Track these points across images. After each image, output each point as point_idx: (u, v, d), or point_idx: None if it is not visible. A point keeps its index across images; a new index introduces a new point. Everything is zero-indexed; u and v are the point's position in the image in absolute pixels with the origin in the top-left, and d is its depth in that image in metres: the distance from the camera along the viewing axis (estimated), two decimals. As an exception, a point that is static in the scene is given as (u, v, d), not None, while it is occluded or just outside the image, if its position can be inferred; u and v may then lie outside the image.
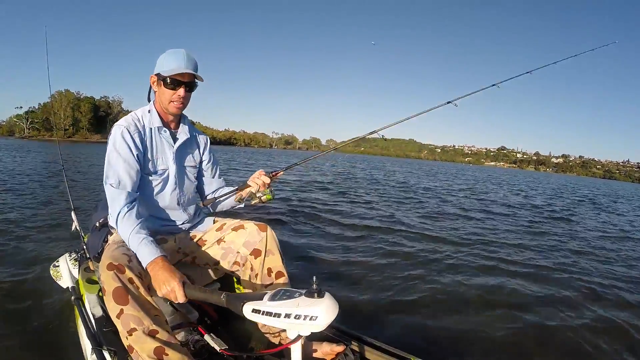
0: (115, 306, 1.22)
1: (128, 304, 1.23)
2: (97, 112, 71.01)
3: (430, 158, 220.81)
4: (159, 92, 1.58)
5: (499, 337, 2.59)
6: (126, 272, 1.27)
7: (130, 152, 1.50)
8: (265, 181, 1.67)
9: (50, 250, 3.65)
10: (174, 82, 1.52)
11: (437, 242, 5.18)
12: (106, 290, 1.24)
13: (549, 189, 23.50)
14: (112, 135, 1.52)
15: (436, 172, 33.12)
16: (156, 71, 1.56)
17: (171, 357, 1.25)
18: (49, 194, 7.21)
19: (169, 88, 1.53)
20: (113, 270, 1.26)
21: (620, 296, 3.59)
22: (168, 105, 1.58)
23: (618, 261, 5.13)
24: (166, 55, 1.55)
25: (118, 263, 1.28)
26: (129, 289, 1.25)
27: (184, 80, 1.53)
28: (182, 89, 1.54)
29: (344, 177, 16.54)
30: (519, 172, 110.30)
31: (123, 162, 1.48)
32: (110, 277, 1.24)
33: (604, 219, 10.24)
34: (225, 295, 1.07)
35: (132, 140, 1.52)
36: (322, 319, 0.95)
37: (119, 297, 1.23)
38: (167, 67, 1.52)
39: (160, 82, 1.54)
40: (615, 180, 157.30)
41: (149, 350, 1.22)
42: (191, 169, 1.75)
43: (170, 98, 1.55)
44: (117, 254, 1.32)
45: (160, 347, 1.23)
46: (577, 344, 2.61)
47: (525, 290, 3.51)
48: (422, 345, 2.43)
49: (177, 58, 1.52)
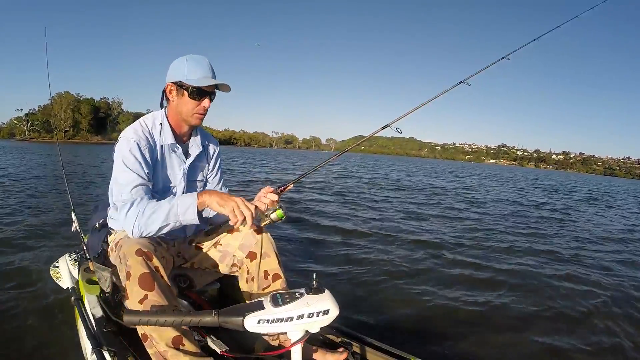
0: (140, 291, 1.22)
1: (154, 290, 1.23)
2: (97, 114, 71.15)
3: (430, 156, 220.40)
4: (180, 102, 1.47)
5: (499, 337, 2.58)
6: (154, 259, 1.27)
7: (142, 168, 1.41)
8: (273, 198, 1.48)
9: (50, 250, 3.66)
10: (200, 92, 1.44)
11: (437, 241, 5.15)
12: (132, 274, 1.23)
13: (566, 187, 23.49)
14: (121, 149, 1.41)
15: (432, 170, 33.08)
16: (174, 79, 1.45)
17: (187, 347, 1.25)
18: (49, 194, 7.24)
19: (194, 99, 1.44)
20: (142, 256, 1.25)
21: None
22: (190, 118, 1.49)
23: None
24: (187, 63, 1.44)
25: (147, 250, 1.27)
26: (155, 275, 1.26)
27: (209, 90, 1.46)
28: (207, 100, 1.47)
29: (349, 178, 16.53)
30: (519, 169, 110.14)
31: (138, 178, 1.38)
32: (139, 262, 1.24)
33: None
34: (216, 314, 0.99)
35: (142, 156, 1.42)
36: (333, 310, 0.98)
37: (146, 282, 1.22)
38: (192, 76, 1.42)
39: (183, 91, 1.44)
40: (616, 177, 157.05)
41: (167, 338, 1.23)
42: (199, 183, 1.71)
43: (194, 110, 1.47)
44: (144, 242, 1.31)
45: (179, 337, 1.24)
46: (578, 344, 2.60)
47: (526, 289, 3.49)
48: (422, 345, 2.42)
49: (202, 66, 1.44)
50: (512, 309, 3.05)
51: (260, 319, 0.97)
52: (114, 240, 1.54)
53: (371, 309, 2.88)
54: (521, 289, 3.49)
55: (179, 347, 1.24)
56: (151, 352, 1.26)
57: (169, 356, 1.23)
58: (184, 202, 1.30)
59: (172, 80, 1.45)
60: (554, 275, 3.99)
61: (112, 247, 1.54)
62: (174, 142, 1.54)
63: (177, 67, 1.45)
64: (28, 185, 8.38)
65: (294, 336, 1.02)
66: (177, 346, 1.23)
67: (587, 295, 3.45)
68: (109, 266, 1.59)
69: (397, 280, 3.47)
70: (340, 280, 3.42)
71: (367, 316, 2.73)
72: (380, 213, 7.17)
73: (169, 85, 1.48)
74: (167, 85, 1.48)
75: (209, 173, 1.75)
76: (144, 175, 1.41)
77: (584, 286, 3.70)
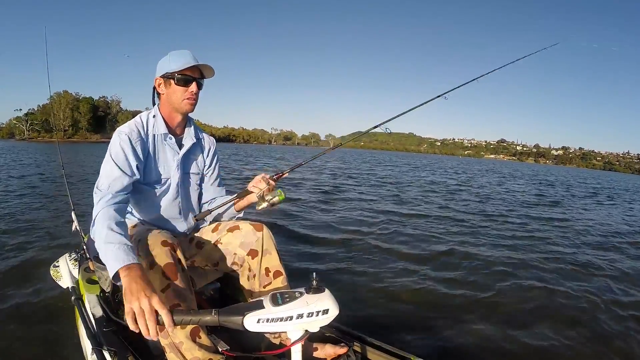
0: (164, 280, 1.26)
1: (177, 279, 1.27)
2: (96, 112, 71.03)
3: (430, 151, 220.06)
4: (169, 92, 1.52)
5: (499, 337, 2.57)
6: (178, 251, 1.33)
7: (127, 162, 1.43)
8: (270, 183, 1.57)
9: (50, 250, 3.67)
10: (185, 78, 1.48)
11: (438, 241, 5.11)
12: (157, 264, 1.27)
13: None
14: (113, 143, 1.45)
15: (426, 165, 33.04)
16: (160, 73, 1.51)
17: (203, 340, 1.28)
18: (49, 194, 7.25)
19: (180, 85, 1.49)
20: (168, 247, 1.30)
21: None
22: (181, 104, 1.52)
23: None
24: (170, 56, 1.50)
25: (172, 242, 1.33)
26: (178, 266, 1.30)
27: (194, 76, 1.50)
28: (194, 85, 1.50)
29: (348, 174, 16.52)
30: (519, 164, 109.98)
31: (118, 172, 1.40)
32: (165, 252, 1.28)
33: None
34: (216, 313, 0.99)
35: (132, 149, 1.45)
36: (332, 310, 0.98)
37: (170, 272, 1.27)
38: (175, 65, 1.47)
39: (170, 81, 1.49)
40: (615, 171, 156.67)
41: (187, 330, 1.25)
42: (195, 176, 1.71)
43: (182, 96, 1.50)
44: (168, 234, 1.37)
45: (196, 329, 1.27)
46: (579, 345, 2.60)
47: (527, 289, 3.48)
48: (423, 345, 2.42)
49: (183, 55, 1.49)
50: (514, 309, 3.03)
51: (260, 318, 0.97)
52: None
53: (371, 308, 2.87)
54: (523, 289, 3.47)
55: (195, 339, 1.27)
56: (165, 342, 1.28)
57: (183, 349, 1.25)
58: (115, 255, 1.11)
59: (159, 75, 1.52)
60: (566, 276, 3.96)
61: None
62: (166, 132, 1.57)
63: (161, 62, 1.52)
64: (28, 185, 8.38)
65: (293, 335, 1.02)
66: (194, 338, 1.27)
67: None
68: (109, 265, 1.59)
69: (398, 280, 3.46)
70: (341, 279, 3.41)
71: (367, 315, 2.73)
72: (381, 212, 7.11)
73: (157, 80, 1.54)
74: (155, 80, 1.55)
75: (205, 169, 1.76)
76: (127, 169, 1.42)
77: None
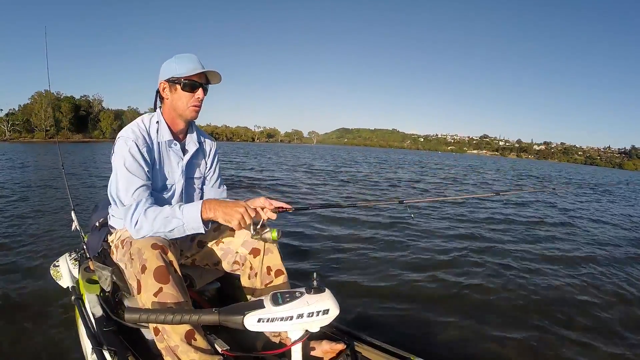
0: (155, 284, 1.23)
1: (169, 283, 1.24)
2: (78, 112, 69.44)
3: (413, 147, 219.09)
4: (174, 97, 1.49)
5: (499, 337, 2.57)
6: (169, 253, 1.29)
7: (142, 170, 1.42)
8: (271, 217, 1.42)
9: (50, 250, 3.65)
10: (192, 84, 1.46)
11: (439, 241, 5.00)
12: (147, 267, 1.24)
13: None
14: (120, 150, 1.41)
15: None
16: (166, 77, 1.47)
17: (198, 343, 1.27)
18: (48, 193, 7.13)
19: (187, 91, 1.46)
20: (158, 249, 1.27)
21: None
22: (186, 111, 1.50)
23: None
24: (176, 60, 1.47)
25: (162, 244, 1.29)
26: (170, 269, 1.27)
27: (201, 81, 1.48)
28: (200, 91, 1.48)
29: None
30: (501, 159, 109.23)
31: (138, 181, 1.39)
32: (155, 255, 1.25)
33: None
34: (217, 312, 0.99)
35: (141, 156, 1.43)
36: (333, 310, 0.99)
37: (161, 275, 1.24)
38: (182, 69, 1.44)
39: (175, 85, 1.46)
40: (596, 166, 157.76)
41: (181, 332, 1.24)
42: (197, 180, 1.71)
43: (188, 102, 1.48)
44: (158, 237, 1.33)
45: (191, 331, 1.26)
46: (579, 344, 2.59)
47: (527, 290, 3.46)
48: (422, 344, 2.42)
49: (191, 60, 1.47)
50: (514, 309, 3.04)
51: (260, 318, 0.97)
52: (119, 237, 1.54)
53: (372, 308, 2.86)
54: (523, 290, 3.44)
55: (190, 341, 1.25)
56: (161, 346, 1.27)
57: (179, 352, 1.25)
58: (190, 215, 1.31)
59: (164, 78, 1.48)
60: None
61: (117, 244, 1.54)
62: (171, 138, 1.55)
63: (167, 66, 1.48)
64: (27, 184, 8.25)
65: (294, 335, 1.02)
66: (189, 340, 1.25)
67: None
68: (109, 265, 1.60)
69: (398, 279, 3.44)
70: (341, 279, 3.38)
71: (367, 315, 2.73)
72: (381, 212, 6.83)
73: (161, 83, 1.50)
74: (160, 83, 1.51)
75: (207, 171, 1.75)
76: (144, 177, 1.41)
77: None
